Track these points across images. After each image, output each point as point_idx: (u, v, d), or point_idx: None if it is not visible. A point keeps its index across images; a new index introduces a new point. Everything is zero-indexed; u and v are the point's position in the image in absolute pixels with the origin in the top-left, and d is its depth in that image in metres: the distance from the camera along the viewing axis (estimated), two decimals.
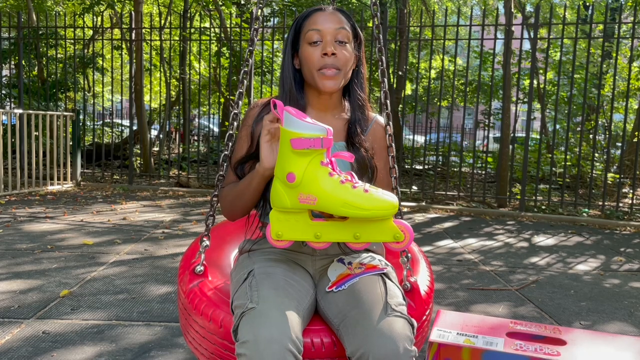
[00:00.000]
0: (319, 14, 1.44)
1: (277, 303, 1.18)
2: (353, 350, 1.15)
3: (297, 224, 1.23)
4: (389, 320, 1.17)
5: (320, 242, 1.24)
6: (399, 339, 1.13)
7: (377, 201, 1.16)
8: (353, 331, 1.18)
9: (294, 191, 1.20)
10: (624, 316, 2.87)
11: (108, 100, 10.14)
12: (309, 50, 1.41)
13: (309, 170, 1.19)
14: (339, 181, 1.19)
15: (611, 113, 6.41)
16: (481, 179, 8.31)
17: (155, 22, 9.29)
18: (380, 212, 1.16)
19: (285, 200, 1.21)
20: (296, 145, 1.18)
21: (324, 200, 1.18)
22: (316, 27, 1.41)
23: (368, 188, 1.19)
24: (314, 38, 1.41)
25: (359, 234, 1.22)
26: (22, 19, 7.66)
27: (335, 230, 1.23)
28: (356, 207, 1.15)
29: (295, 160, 1.20)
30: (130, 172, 7.42)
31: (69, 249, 3.79)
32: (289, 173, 1.19)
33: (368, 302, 1.23)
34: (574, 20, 10.46)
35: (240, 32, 7.33)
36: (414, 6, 13.58)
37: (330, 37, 1.40)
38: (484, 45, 6.92)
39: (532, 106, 6.51)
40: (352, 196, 1.16)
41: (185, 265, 1.52)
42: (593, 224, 5.76)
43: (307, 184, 1.19)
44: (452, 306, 2.90)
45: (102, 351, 2.18)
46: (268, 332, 1.10)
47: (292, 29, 1.47)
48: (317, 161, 1.20)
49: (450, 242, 4.54)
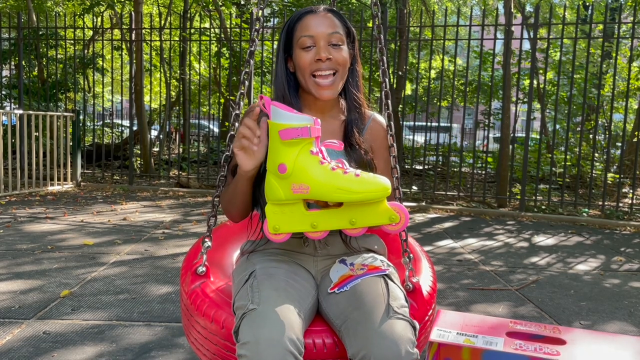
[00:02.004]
0: (311, 18, 1.39)
1: (278, 304, 1.18)
2: (354, 352, 1.15)
3: (293, 215, 1.24)
4: (390, 323, 1.16)
5: (317, 232, 1.24)
6: (400, 341, 1.13)
7: (369, 184, 1.18)
8: (355, 333, 1.18)
9: (286, 182, 1.21)
10: (624, 316, 2.88)
11: (108, 100, 10.14)
12: (303, 55, 1.39)
13: (300, 160, 1.20)
14: (329, 168, 1.20)
15: (611, 113, 6.41)
16: (481, 179, 8.31)
17: (155, 23, 9.29)
18: (373, 195, 1.17)
19: (279, 192, 1.22)
20: (284, 136, 1.20)
21: (316, 188, 1.19)
22: (309, 33, 1.38)
23: (359, 172, 1.20)
24: (307, 43, 1.38)
25: (355, 219, 1.23)
26: (22, 19, 7.66)
27: (331, 218, 1.24)
28: (349, 191, 1.17)
29: (285, 151, 1.21)
30: (130, 172, 7.42)
31: (70, 250, 3.79)
32: (280, 164, 1.21)
33: (370, 303, 1.22)
34: (573, 20, 10.47)
35: (240, 33, 7.34)
36: (414, 6, 13.58)
37: (323, 42, 1.38)
38: (483, 46, 6.92)
39: (532, 106, 6.51)
40: (344, 181, 1.18)
41: (187, 265, 1.53)
42: (593, 223, 5.76)
43: (299, 173, 1.20)
44: (452, 306, 2.91)
45: (103, 351, 2.18)
46: (269, 333, 1.10)
47: (284, 33, 1.44)
48: (306, 150, 1.21)
49: (451, 242, 4.54)
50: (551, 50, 8.47)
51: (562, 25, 6.19)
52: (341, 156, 1.40)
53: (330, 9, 1.43)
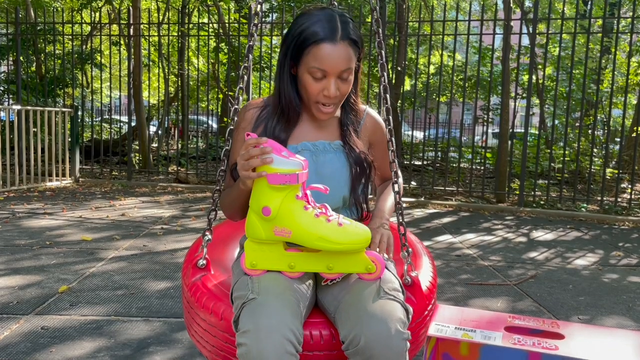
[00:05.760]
0: (328, 49, 1.32)
1: (278, 294, 1.19)
2: (346, 334, 1.16)
3: (272, 254, 1.27)
4: (381, 302, 1.18)
5: (294, 272, 1.28)
6: (390, 320, 1.14)
7: (350, 235, 1.20)
8: (346, 315, 1.19)
9: (269, 224, 1.23)
10: (622, 310, 2.88)
11: (107, 96, 10.11)
12: (311, 83, 1.36)
13: (284, 205, 1.21)
14: (313, 215, 1.22)
15: (610, 108, 6.40)
16: (480, 175, 8.31)
17: (154, 18, 9.26)
18: (353, 246, 1.21)
19: (260, 232, 1.24)
20: (272, 180, 1.20)
21: (298, 234, 1.21)
22: (322, 67, 1.33)
23: (342, 221, 1.22)
24: (317, 75, 1.35)
25: (332, 265, 1.26)
26: (20, 14, 7.63)
27: (309, 261, 1.27)
28: (330, 241, 1.19)
29: (270, 195, 1.22)
30: (129, 168, 7.41)
31: (68, 245, 3.79)
32: (264, 207, 1.22)
33: (362, 286, 1.25)
34: (572, 15, 10.44)
35: (239, 28, 7.31)
36: (413, 1, 13.54)
37: (334, 78, 1.35)
38: (482, 41, 6.90)
39: (531, 101, 6.50)
40: (326, 230, 1.20)
41: (189, 259, 1.55)
42: (591, 219, 5.76)
43: (282, 217, 1.21)
44: (450, 301, 2.91)
45: (101, 347, 2.18)
46: (268, 322, 1.11)
47: (294, 42, 1.36)
48: (292, 195, 1.22)
49: (449, 238, 4.55)
50: (550, 46, 8.45)
51: (561, 20, 6.17)
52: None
53: (349, 37, 1.35)
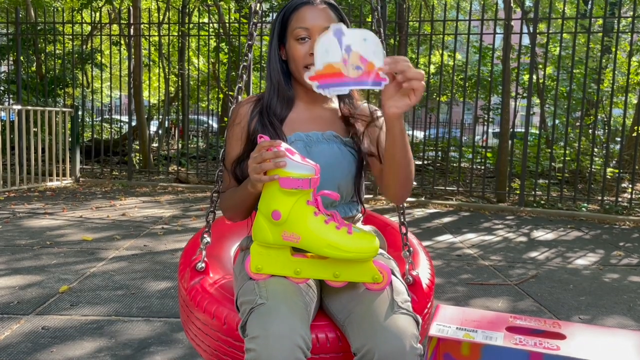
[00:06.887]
0: (307, 9, 1.38)
1: (286, 299, 1.18)
2: (359, 347, 1.15)
3: (278, 259, 1.25)
4: (395, 318, 1.17)
5: (299, 278, 1.26)
6: (405, 336, 1.13)
7: (360, 243, 1.19)
8: (359, 327, 1.18)
9: (278, 228, 1.21)
10: (623, 310, 2.88)
11: (107, 96, 10.12)
12: (296, 47, 1.38)
13: (295, 210, 1.19)
14: (323, 221, 1.20)
15: (610, 108, 6.40)
16: (480, 174, 8.30)
17: (154, 18, 9.26)
18: (362, 255, 1.19)
19: (268, 236, 1.22)
20: (284, 184, 1.18)
21: (308, 239, 1.19)
22: (304, 25, 1.37)
23: (352, 229, 1.21)
24: (301, 35, 1.37)
25: (339, 272, 1.24)
26: (20, 14, 7.64)
27: (315, 268, 1.25)
28: (339, 248, 1.18)
29: (281, 199, 1.19)
30: (129, 168, 7.41)
31: (68, 245, 3.79)
32: (274, 211, 1.19)
33: (373, 297, 1.23)
34: (573, 15, 10.44)
35: (239, 27, 7.31)
36: (413, 1, 13.54)
37: (318, 35, 1.35)
38: (483, 40, 6.90)
39: (532, 101, 6.50)
40: (336, 237, 1.18)
41: (185, 261, 1.52)
42: (592, 218, 5.76)
43: (292, 223, 1.19)
44: (451, 301, 2.91)
45: (102, 347, 2.18)
46: (278, 328, 1.10)
47: (279, 20, 1.43)
48: (303, 200, 1.20)
49: (450, 237, 4.54)
50: (551, 45, 8.45)
51: (562, 19, 6.16)
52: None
53: (328, 2, 1.42)
